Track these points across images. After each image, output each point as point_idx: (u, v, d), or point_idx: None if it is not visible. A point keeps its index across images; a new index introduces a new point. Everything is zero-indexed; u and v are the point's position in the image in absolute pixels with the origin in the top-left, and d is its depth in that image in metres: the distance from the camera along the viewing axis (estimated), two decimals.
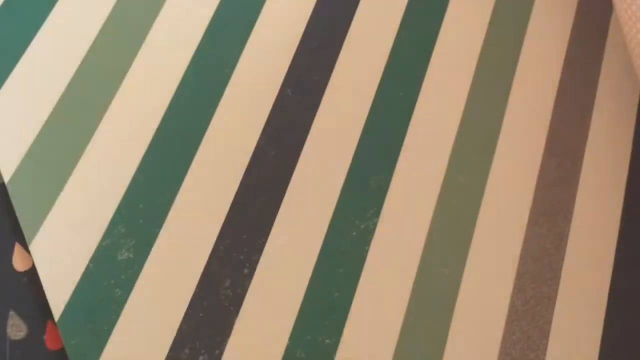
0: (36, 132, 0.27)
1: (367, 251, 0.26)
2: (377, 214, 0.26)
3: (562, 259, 0.26)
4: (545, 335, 0.25)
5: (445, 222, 0.26)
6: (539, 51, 0.30)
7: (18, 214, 0.25)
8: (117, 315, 0.24)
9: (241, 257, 0.25)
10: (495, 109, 0.28)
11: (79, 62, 0.28)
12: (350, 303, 0.25)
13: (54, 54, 0.28)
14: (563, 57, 0.30)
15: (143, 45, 0.29)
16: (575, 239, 0.26)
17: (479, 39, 0.30)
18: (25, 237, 0.25)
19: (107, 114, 0.27)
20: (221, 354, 0.24)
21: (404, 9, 0.30)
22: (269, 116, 0.28)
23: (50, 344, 0.24)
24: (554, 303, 0.25)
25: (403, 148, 0.27)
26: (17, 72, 0.28)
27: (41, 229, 0.25)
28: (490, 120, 0.28)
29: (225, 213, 0.26)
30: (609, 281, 0.26)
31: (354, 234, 0.26)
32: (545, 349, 0.25)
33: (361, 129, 0.28)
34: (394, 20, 0.30)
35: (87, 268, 0.25)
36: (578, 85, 0.29)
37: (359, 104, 0.28)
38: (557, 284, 0.26)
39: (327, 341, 0.24)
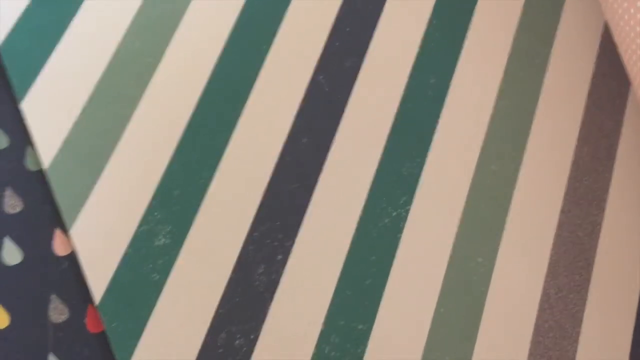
0: (74, 119, 0.27)
1: (399, 238, 0.26)
2: (410, 201, 0.26)
3: (595, 248, 0.26)
4: (577, 323, 0.25)
5: (478, 210, 0.26)
6: (572, 39, 0.29)
7: (58, 199, 0.26)
8: (155, 300, 0.25)
9: (275, 243, 0.26)
10: (529, 96, 0.28)
11: (114, 48, 0.28)
12: (383, 290, 0.25)
13: (90, 40, 0.29)
14: (598, 42, 0.29)
15: (176, 32, 0.29)
16: (608, 228, 0.26)
17: (512, 24, 0.29)
18: (65, 222, 0.25)
19: (143, 101, 0.28)
20: (256, 338, 0.24)
21: None
22: (301, 103, 0.28)
23: (92, 327, 0.24)
24: (587, 291, 0.25)
25: (435, 135, 0.27)
26: (53, 60, 0.28)
27: (80, 214, 0.25)
28: (523, 108, 0.28)
29: (259, 200, 0.26)
30: None
31: (387, 221, 0.26)
32: (578, 337, 0.25)
33: (393, 116, 0.28)
34: (426, 7, 0.30)
35: (126, 253, 0.25)
36: (613, 73, 0.29)
37: (391, 91, 0.28)
38: (590, 273, 0.26)
39: (360, 327, 0.25)
